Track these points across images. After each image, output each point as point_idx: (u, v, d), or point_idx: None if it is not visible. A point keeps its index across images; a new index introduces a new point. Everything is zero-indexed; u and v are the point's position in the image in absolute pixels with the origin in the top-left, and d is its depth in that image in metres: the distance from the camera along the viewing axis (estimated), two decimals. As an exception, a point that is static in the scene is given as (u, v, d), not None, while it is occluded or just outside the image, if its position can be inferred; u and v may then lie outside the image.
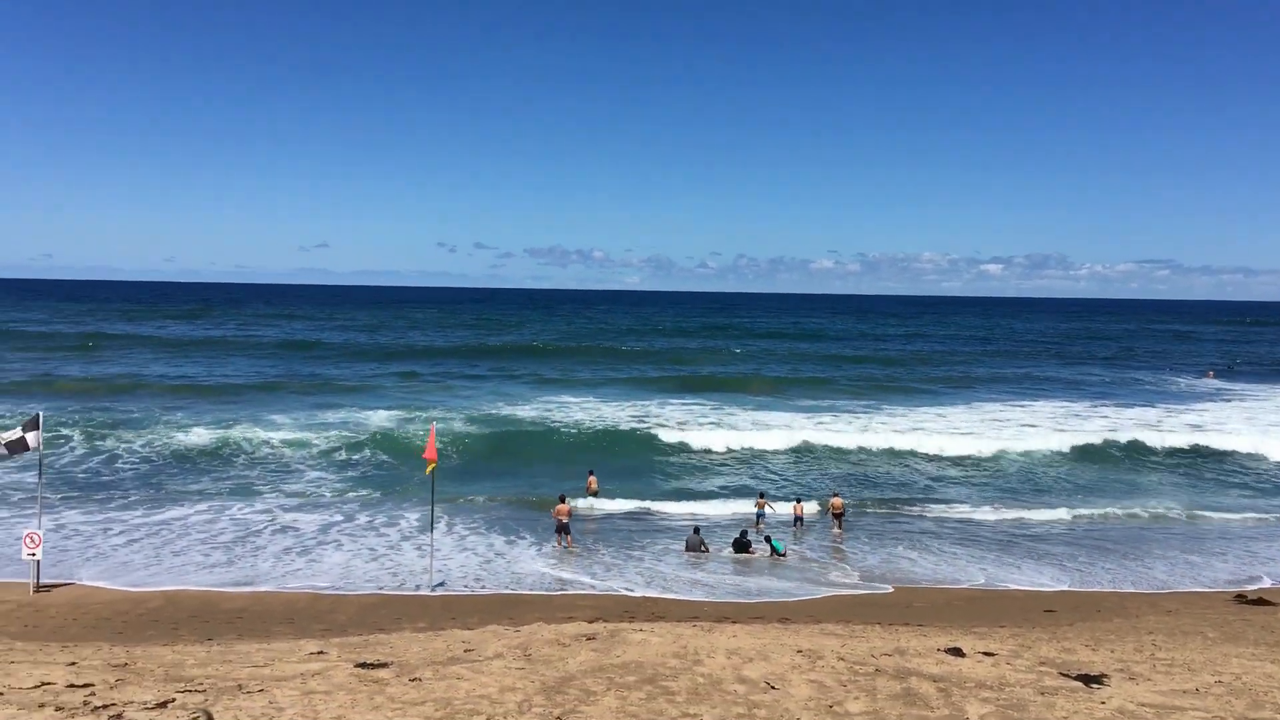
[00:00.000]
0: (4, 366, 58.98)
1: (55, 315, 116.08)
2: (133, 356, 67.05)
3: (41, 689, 11.58)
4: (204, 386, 50.98)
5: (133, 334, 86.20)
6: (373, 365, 66.02)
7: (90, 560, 21.82)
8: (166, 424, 38.85)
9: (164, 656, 13.81)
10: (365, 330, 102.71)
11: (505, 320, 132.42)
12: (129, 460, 32.79)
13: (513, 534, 25.42)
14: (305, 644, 14.86)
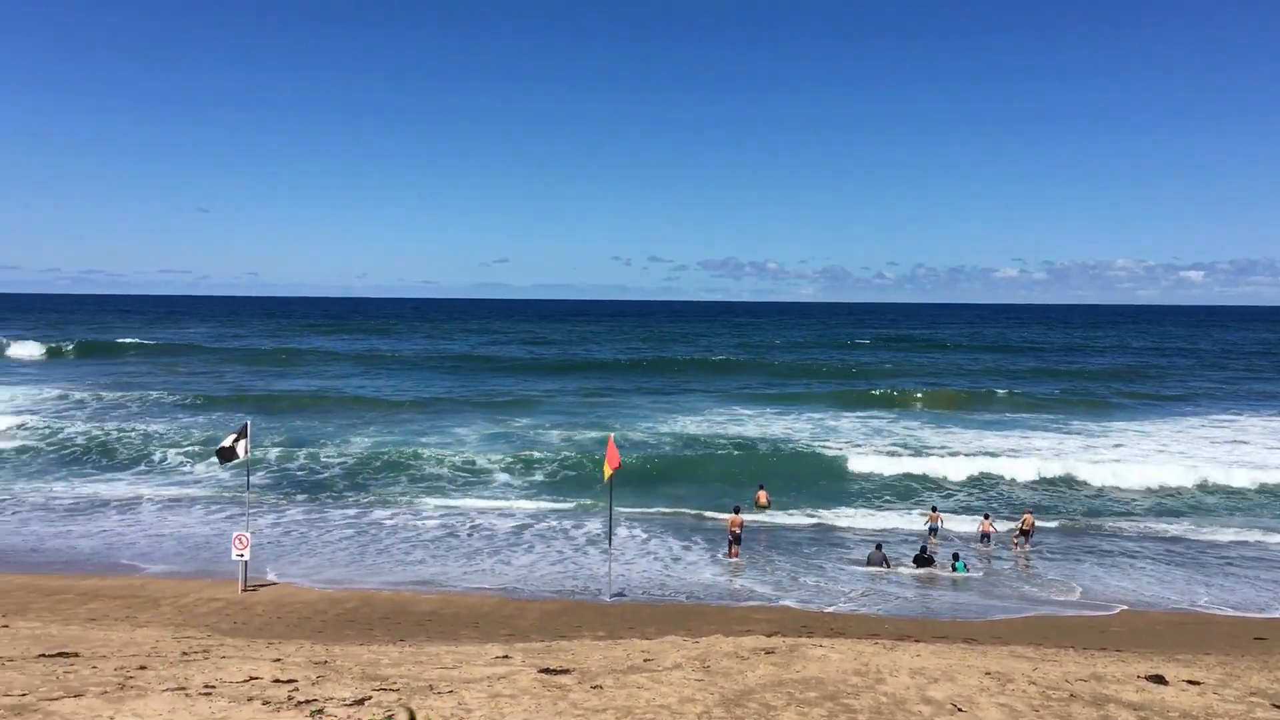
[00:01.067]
0: (213, 380, 63.19)
1: (258, 331, 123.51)
2: (328, 370, 70.58)
3: (250, 683, 12.29)
4: (393, 401, 53.18)
5: (328, 350, 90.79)
6: (550, 378, 67.54)
7: (300, 557, 23.07)
8: (360, 434, 40.76)
9: (360, 655, 14.44)
10: (543, 344, 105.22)
11: (678, 333, 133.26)
12: (329, 468, 34.51)
13: (687, 545, 25.51)
14: (491, 648, 15.29)
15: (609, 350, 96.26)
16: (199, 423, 43.74)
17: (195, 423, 43.79)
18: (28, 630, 16.46)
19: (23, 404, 48.84)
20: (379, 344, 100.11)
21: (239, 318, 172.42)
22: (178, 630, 17.08)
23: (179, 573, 22.14)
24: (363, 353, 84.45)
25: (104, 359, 77.64)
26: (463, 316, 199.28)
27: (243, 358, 77.59)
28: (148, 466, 34.05)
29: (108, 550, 23.96)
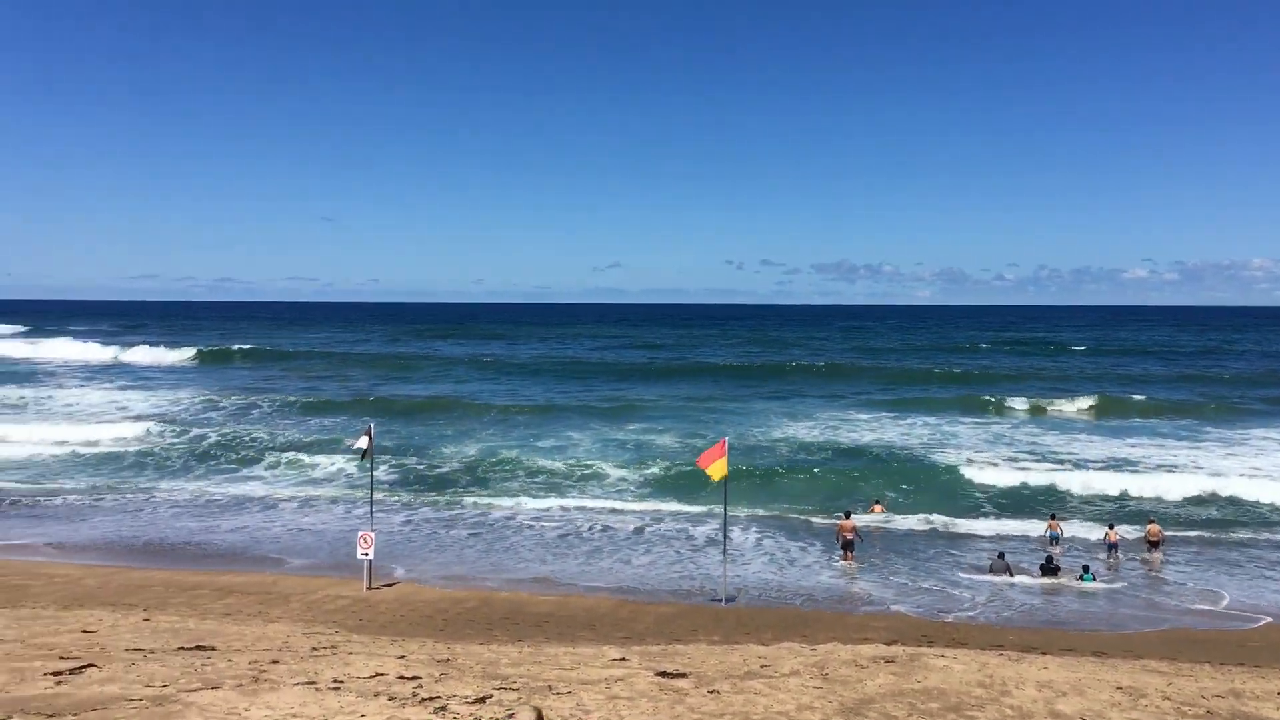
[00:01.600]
0: (336, 384, 65.20)
1: (378, 337, 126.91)
2: (445, 375, 72.06)
3: (376, 679, 12.63)
4: (508, 405, 54.02)
5: (445, 355, 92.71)
6: (662, 383, 67.69)
7: (422, 556, 23.64)
8: (478, 437, 41.57)
9: (481, 654, 14.71)
10: (654, 348, 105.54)
11: (789, 337, 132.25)
12: (449, 469, 35.24)
13: (802, 549, 25.29)
14: (608, 650, 15.40)
15: (721, 354, 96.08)
16: (325, 425, 45.18)
17: (321, 425, 45.26)
18: (167, 624, 17.22)
19: (161, 406, 51.15)
20: (495, 349, 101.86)
21: (360, 323, 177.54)
22: (307, 626, 17.65)
23: (311, 568, 22.92)
24: (478, 357, 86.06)
25: (234, 364, 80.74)
26: (575, 321, 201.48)
27: (364, 362, 79.77)
28: (276, 467, 35.27)
29: (244, 547, 24.92)
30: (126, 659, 13.75)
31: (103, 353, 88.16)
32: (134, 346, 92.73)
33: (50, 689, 11.82)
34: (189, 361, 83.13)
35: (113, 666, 13.10)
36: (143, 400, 53.54)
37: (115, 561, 23.49)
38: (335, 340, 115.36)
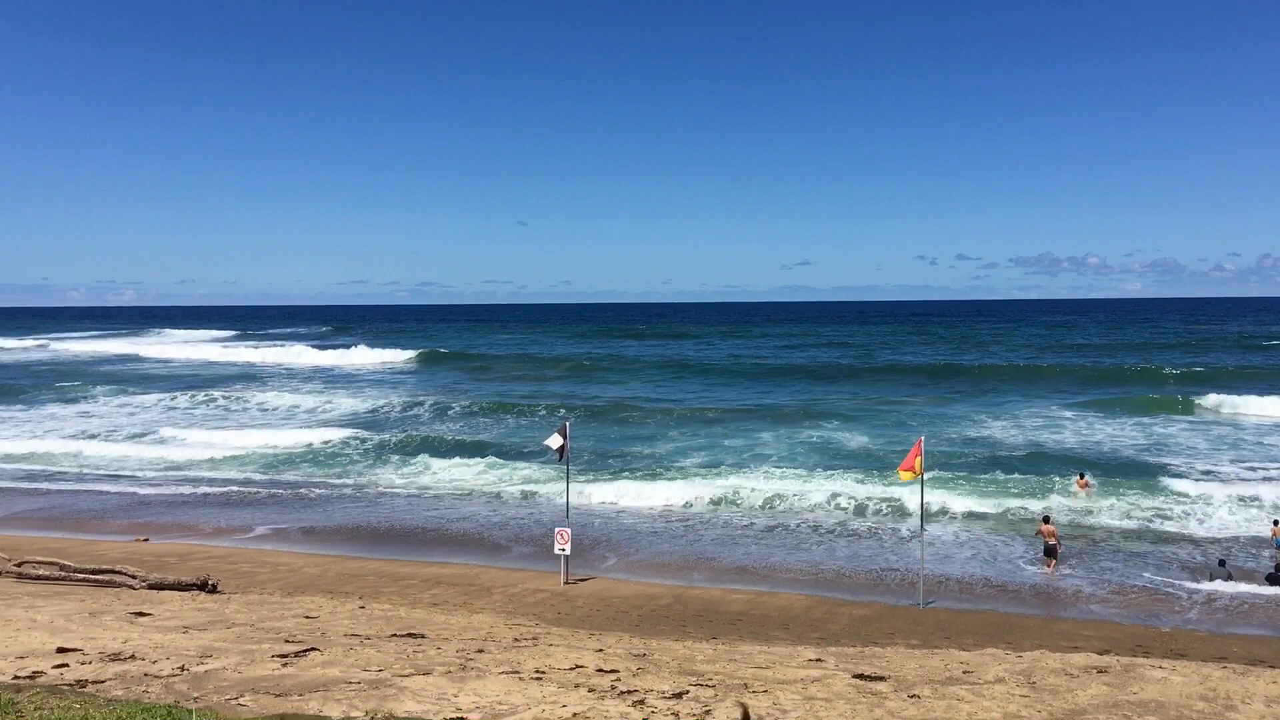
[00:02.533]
0: (531, 385, 67.09)
1: (570, 338, 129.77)
2: (635, 376, 72.96)
3: (575, 671, 12.95)
4: (697, 408, 54.22)
5: (634, 355, 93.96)
6: (853, 382, 66.42)
7: (615, 553, 24.09)
8: (669, 438, 41.96)
9: (676, 650, 14.86)
10: (844, 347, 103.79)
11: (986, 334, 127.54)
12: (641, 468, 35.71)
13: (1002, 554, 24.37)
14: (803, 650, 15.29)
15: (914, 353, 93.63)
16: (520, 425, 46.58)
17: (516, 424, 46.68)
18: (380, 612, 18.14)
19: (367, 406, 53.91)
20: (682, 349, 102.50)
21: (552, 325, 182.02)
22: (509, 618, 18.26)
23: (511, 562, 23.70)
24: (666, 358, 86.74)
25: (434, 366, 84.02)
26: (764, 320, 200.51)
27: (555, 364, 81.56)
28: (475, 465, 36.58)
29: (449, 540, 25.98)
30: (345, 644, 14.57)
31: (314, 356, 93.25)
32: (344, 349, 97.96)
33: (277, 670, 12.64)
34: (393, 364, 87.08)
35: (333, 650, 13.90)
36: (350, 400, 56.52)
37: (332, 551, 24.91)
38: (528, 342, 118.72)
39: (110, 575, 20.30)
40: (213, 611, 17.45)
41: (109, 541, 25.62)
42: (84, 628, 15.44)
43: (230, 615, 17.07)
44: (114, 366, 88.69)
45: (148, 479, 34.95)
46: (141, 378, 75.16)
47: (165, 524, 28.04)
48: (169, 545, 25.33)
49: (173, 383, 69.22)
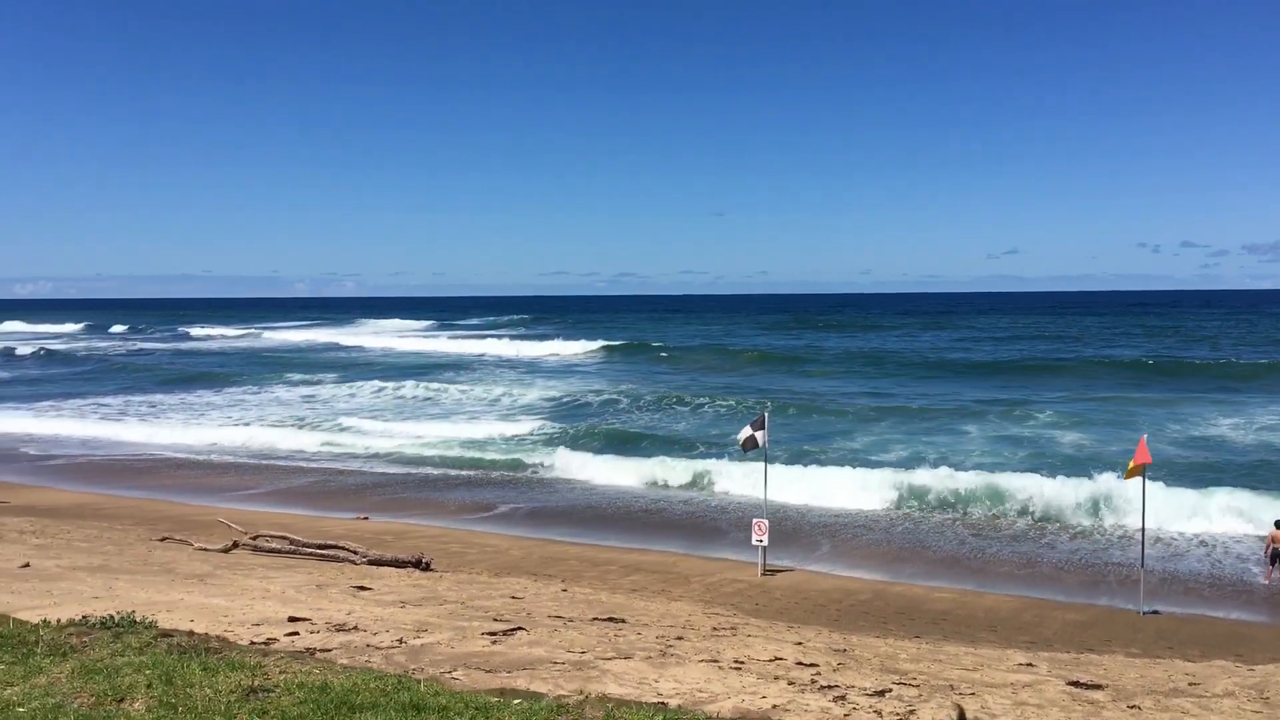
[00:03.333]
0: (728, 376, 67.20)
1: (767, 329, 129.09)
2: (836, 368, 71.86)
3: (775, 663, 12.89)
4: (894, 401, 52.99)
5: (834, 348, 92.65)
6: (1061, 378, 63.23)
7: (813, 546, 23.89)
8: (870, 431, 41.22)
9: (878, 647, 14.59)
10: (1055, 340, 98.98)
11: (1211, 326, 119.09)
12: (840, 462, 35.17)
13: (1232, 562, 22.72)
14: (1012, 654, 14.73)
15: (1134, 347, 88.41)
16: (714, 417, 46.64)
17: (712, 417, 46.75)
18: (582, 595, 18.57)
19: (567, 395, 55.25)
20: (881, 341, 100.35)
21: (749, 315, 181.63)
22: (706, 607, 18.35)
23: (708, 551, 23.85)
24: (867, 351, 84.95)
25: (633, 357, 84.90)
26: (967, 311, 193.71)
27: (750, 356, 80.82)
28: (670, 454, 36.93)
29: (645, 528, 26.35)
30: (549, 625, 14.98)
31: (510, 346, 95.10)
32: (539, 340, 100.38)
33: (487, 647, 13.12)
34: (586, 355, 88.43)
35: (538, 631, 14.33)
36: (543, 390, 57.71)
37: (535, 535, 25.69)
38: (723, 333, 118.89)
39: (334, 550, 21.58)
40: (426, 588, 18.29)
41: (332, 519, 27.23)
42: (311, 599, 16.48)
43: (442, 593, 17.86)
44: (318, 354, 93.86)
45: (357, 462, 36.92)
46: (340, 365, 79.28)
47: (381, 503, 29.57)
48: (385, 524, 26.71)
49: (367, 371, 72.77)
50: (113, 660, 8.17)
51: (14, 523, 24.17)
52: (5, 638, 8.78)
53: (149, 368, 77.02)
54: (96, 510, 27.49)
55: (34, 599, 15.05)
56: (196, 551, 21.80)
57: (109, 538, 22.97)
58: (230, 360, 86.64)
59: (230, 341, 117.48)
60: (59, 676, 7.80)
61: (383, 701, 7.55)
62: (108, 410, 51.65)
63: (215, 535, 23.24)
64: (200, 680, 7.75)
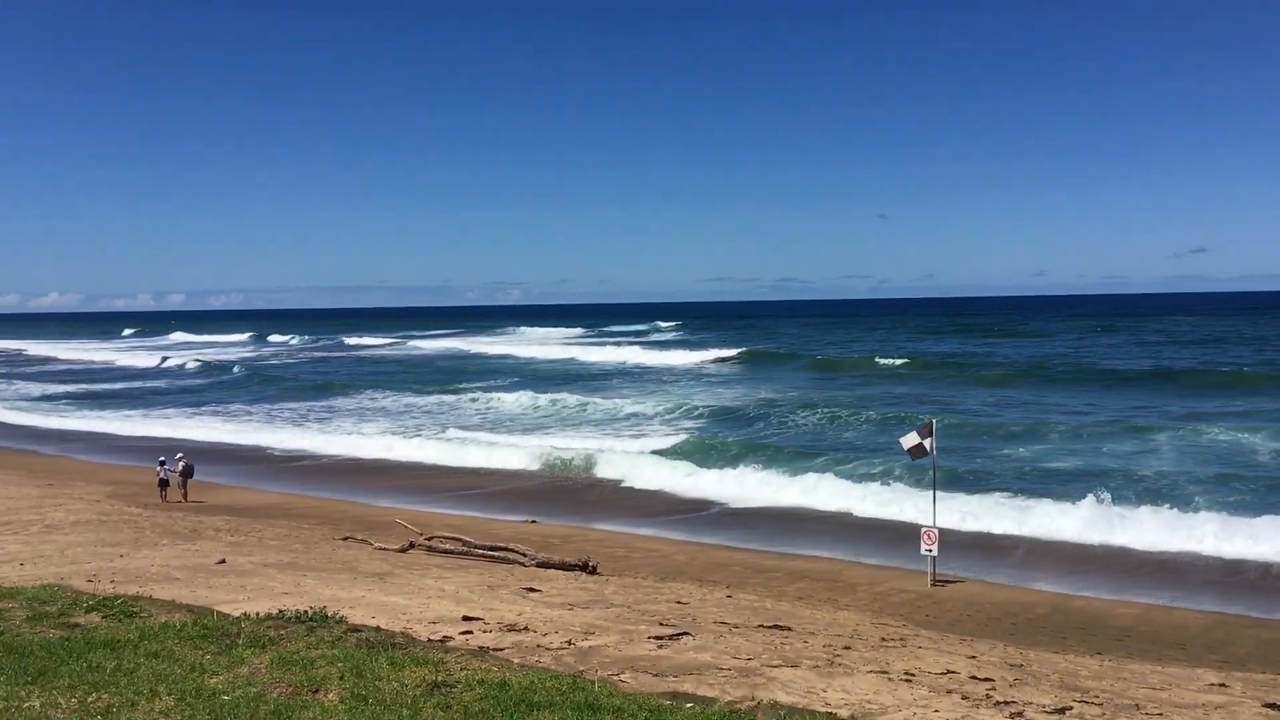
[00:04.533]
0: (888, 385, 65.82)
1: (933, 334, 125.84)
2: (1010, 378, 69.34)
3: (947, 676, 12.60)
4: (1074, 414, 50.92)
5: (1006, 356, 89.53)
6: (1257, 387, 59.25)
7: (986, 556, 23.20)
8: (1046, 440, 39.70)
9: (1056, 663, 14.08)
10: (1255, 344, 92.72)
11: None
12: (1013, 471, 34.04)
13: None
14: (1202, 673, 13.97)
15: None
16: (873, 427, 45.61)
17: (870, 427, 45.73)
18: (747, 602, 18.56)
19: (719, 404, 55.16)
20: (1058, 346, 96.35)
21: (914, 320, 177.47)
22: (874, 616, 18.06)
23: (875, 560, 23.42)
24: (1040, 358, 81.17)
25: (786, 364, 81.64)
26: (1150, 313, 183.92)
27: (914, 363, 77.77)
28: (834, 462, 36.47)
29: (810, 536, 26.08)
30: (715, 630, 15.06)
31: (662, 355, 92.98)
32: (690, 349, 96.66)
33: (653, 651, 13.29)
34: (741, 362, 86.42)
35: (704, 636, 14.42)
36: (698, 399, 56.99)
37: (698, 540, 25.77)
38: (886, 339, 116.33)
39: (504, 552, 22.20)
40: (593, 591, 18.62)
41: (502, 521, 28.00)
42: (484, 599, 17.02)
43: (609, 596, 18.15)
44: (463, 363, 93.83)
45: (517, 461, 37.67)
46: (486, 372, 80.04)
47: (538, 507, 30.14)
48: (553, 527, 27.29)
49: (513, 379, 73.42)
50: (307, 653, 8.65)
51: (211, 521, 25.81)
52: (210, 629, 9.41)
53: (294, 377, 78.33)
54: (285, 510, 29.04)
55: (230, 593, 16.05)
56: (376, 551, 22.79)
57: (296, 536, 24.25)
58: (365, 369, 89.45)
59: (375, 350, 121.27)
60: (259, 667, 8.31)
61: (559, 700, 7.74)
62: (264, 416, 54.26)
63: (393, 536, 24.22)
64: (387, 674, 8.12)
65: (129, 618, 9.96)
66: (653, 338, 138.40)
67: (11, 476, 32.59)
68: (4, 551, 19.63)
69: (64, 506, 26.42)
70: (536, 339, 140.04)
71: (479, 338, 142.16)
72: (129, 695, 7.56)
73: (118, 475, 34.75)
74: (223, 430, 48.72)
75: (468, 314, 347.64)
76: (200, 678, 8.02)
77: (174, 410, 57.93)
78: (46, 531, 22.39)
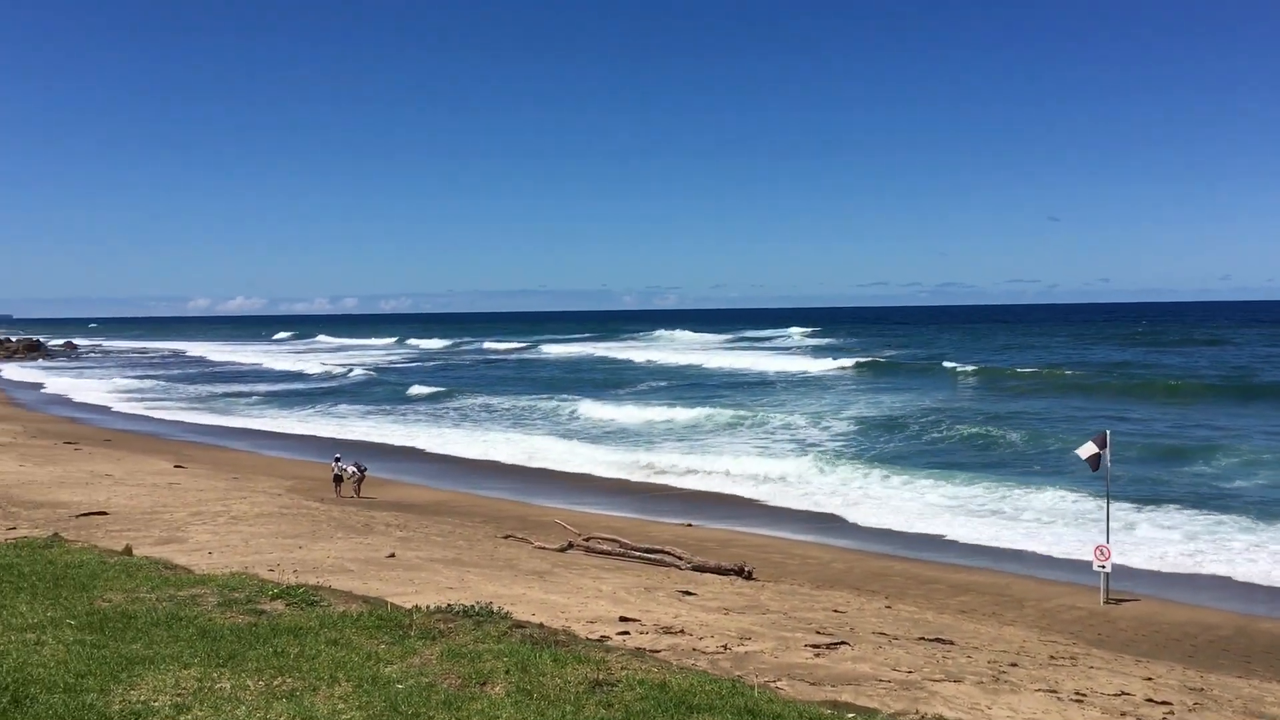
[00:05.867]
0: (1050, 400, 63.30)
1: (1107, 343, 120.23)
2: (1184, 389, 65.83)
3: (1121, 698, 12.08)
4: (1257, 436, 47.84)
5: (1186, 370, 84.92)
6: None
7: (1162, 575, 22.10)
8: (1226, 457, 37.55)
9: (1240, 688, 13.33)
10: None
11: None
12: (1198, 489, 32.30)
13: None
14: None
15: None
16: (1045, 444, 43.95)
17: (1042, 442, 44.10)
18: (907, 613, 18.19)
19: (870, 416, 54.04)
20: (1248, 356, 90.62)
21: (1087, 327, 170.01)
22: (1042, 633, 17.45)
23: (1043, 574, 22.58)
24: (1230, 371, 75.62)
25: (945, 375, 77.22)
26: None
27: (1088, 375, 73.48)
28: (1000, 474, 35.33)
29: (971, 548, 25.34)
30: (873, 641, 14.83)
31: (814, 363, 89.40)
32: (849, 355, 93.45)
33: (810, 659, 13.18)
34: (904, 370, 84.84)
35: (862, 647, 14.22)
36: (856, 408, 56.15)
37: (855, 547, 25.37)
38: (1052, 347, 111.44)
39: (660, 555, 22.38)
40: (749, 597, 18.59)
41: (658, 524, 28.21)
42: (640, 600, 17.20)
43: (764, 602, 18.08)
44: (596, 368, 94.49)
45: (664, 473, 37.79)
46: (625, 379, 79.97)
47: (700, 511, 30.20)
48: (709, 531, 27.34)
49: (652, 385, 73.50)
50: (475, 646, 8.94)
51: (381, 516, 26.88)
52: (384, 620, 9.83)
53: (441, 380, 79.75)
54: (449, 507, 30.00)
55: (399, 586, 16.70)
56: (536, 550, 23.31)
57: (460, 533, 25.03)
58: (500, 373, 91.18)
59: (502, 355, 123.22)
60: (430, 658, 8.63)
61: (718, 704, 7.78)
62: (396, 417, 56.04)
63: (552, 535, 24.72)
64: (551, 670, 8.32)
65: (310, 606, 10.49)
66: (788, 342, 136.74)
67: (202, 470, 34.68)
68: (195, 540, 20.93)
69: (248, 499, 27.95)
70: (683, 343, 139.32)
71: (613, 343, 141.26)
72: (310, 680, 7.97)
73: (297, 470, 36.52)
74: (377, 430, 50.52)
75: (629, 316, 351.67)
76: (376, 666, 8.39)
77: (316, 409, 60.57)
78: (233, 522, 23.75)
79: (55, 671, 7.87)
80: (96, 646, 8.62)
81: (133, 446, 42.03)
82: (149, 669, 8.06)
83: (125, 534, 20.44)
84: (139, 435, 47.91)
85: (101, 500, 26.06)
